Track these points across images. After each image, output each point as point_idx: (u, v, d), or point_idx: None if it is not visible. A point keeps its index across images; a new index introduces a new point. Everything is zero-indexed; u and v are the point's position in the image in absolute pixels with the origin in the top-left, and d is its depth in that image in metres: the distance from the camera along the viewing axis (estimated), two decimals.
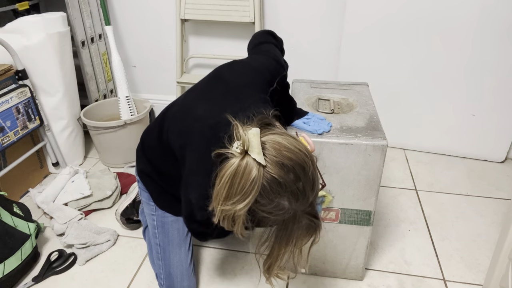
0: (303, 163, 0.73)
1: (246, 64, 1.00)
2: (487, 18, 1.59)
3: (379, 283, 1.24)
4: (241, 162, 0.70)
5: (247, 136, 0.70)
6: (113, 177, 1.67)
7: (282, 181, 0.71)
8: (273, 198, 0.72)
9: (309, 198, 0.75)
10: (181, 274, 1.14)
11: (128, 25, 2.13)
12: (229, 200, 0.71)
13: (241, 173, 0.69)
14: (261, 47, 1.08)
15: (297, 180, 0.72)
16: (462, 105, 1.79)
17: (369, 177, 1.05)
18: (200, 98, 0.96)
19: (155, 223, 1.16)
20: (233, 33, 2.02)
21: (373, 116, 1.15)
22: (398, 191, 1.68)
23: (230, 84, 0.95)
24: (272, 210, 0.73)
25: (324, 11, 1.89)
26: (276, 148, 0.72)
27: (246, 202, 0.70)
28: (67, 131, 1.78)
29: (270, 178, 0.70)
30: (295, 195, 0.73)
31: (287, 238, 0.77)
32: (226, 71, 1.00)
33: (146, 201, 1.17)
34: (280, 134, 0.75)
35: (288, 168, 0.71)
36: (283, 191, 0.72)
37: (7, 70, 1.54)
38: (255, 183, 0.69)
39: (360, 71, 1.85)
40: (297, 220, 0.75)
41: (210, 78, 1.01)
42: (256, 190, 0.70)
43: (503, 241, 1.03)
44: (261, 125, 0.76)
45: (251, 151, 0.70)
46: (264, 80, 0.97)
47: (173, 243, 1.14)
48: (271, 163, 0.71)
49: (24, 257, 1.25)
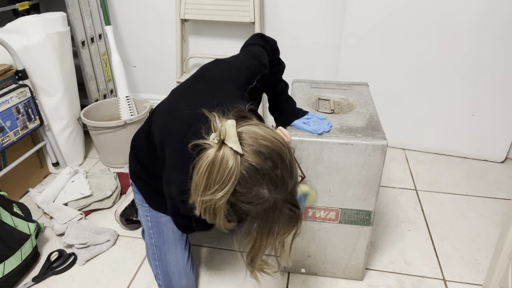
0: (280, 151, 0.74)
1: (228, 63, 1.03)
2: (487, 18, 1.59)
3: (379, 283, 1.24)
4: (218, 152, 0.71)
5: (224, 126, 0.72)
6: (113, 177, 1.67)
7: (260, 168, 0.72)
8: (252, 187, 0.73)
9: (288, 186, 0.76)
10: (178, 273, 1.14)
11: (128, 25, 2.13)
12: (208, 190, 0.72)
13: (218, 163, 0.71)
14: (247, 49, 1.11)
15: (275, 167, 0.73)
16: (462, 105, 1.79)
17: (369, 177, 1.05)
18: (180, 96, 0.99)
19: (149, 224, 1.18)
20: (233, 33, 2.03)
21: (373, 116, 1.15)
22: (398, 191, 1.68)
23: (210, 81, 0.98)
24: (252, 200, 0.74)
25: (324, 11, 1.89)
26: (252, 137, 0.73)
27: (225, 191, 0.71)
28: (67, 131, 1.78)
29: (248, 166, 0.72)
30: (274, 183, 0.74)
31: (269, 228, 0.77)
32: (209, 69, 1.03)
33: (139, 203, 1.20)
34: (255, 125, 0.77)
35: (265, 155, 0.73)
36: (262, 178, 0.73)
37: (7, 70, 1.54)
38: (233, 171, 0.70)
39: (360, 71, 1.85)
40: (278, 209, 0.76)
41: (194, 77, 1.03)
42: (234, 179, 0.71)
43: (503, 241, 1.03)
44: (237, 118, 0.78)
45: (228, 141, 0.71)
46: (243, 78, 0.99)
47: (169, 243, 1.15)
48: (248, 151, 0.72)
49: (24, 257, 1.25)
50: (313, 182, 1.09)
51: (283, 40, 1.99)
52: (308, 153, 1.05)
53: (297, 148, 1.05)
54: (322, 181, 1.08)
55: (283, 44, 2.00)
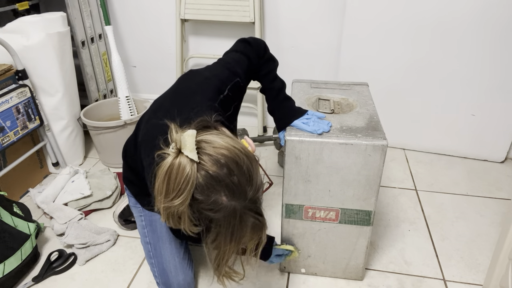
0: (236, 157, 0.76)
1: (199, 74, 1.05)
2: (487, 18, 1.59)
3: (379, 283, 1.24)
4: (174, 160, 0.74)
5: (180, 136, 0.75)
6: (113, 177, 1.67)
7: (215, 175, 0.74)
8: (210, 194, 0.75)
9: (247, 193, 0.77)
10: (174, 268, 1.14)
11: (128, 25, 2.13)
12: (167, 197, 0.75)
13: (175, 170, 0.73)
14: (221, 57, 1.12)
15: (231, 174, 0.75)
16: (462, 105, 1.79)
17: (369, 177, 1.05)
18: (156, 107, 1.03)
19: (143, 223, 1.20)
20: (233, 33, 2.03)
21: (373, 116, 1.15)
22: (398, 191, 1.68)
23: (181, 93, 1.01)
24: (212, 207, 0.76)
25: (324, 11, 1.89)
26: (210, 146, 0.76)
27: (183, 197, 0.74)
28: (67, 131, 1.78)
29: (204, 173, 0.74)
30: (231, 190, 0.75)
31: (231, 235, 0.79)
32: (182, 82, 1.06)
33: (133, 205, 1.24)
34: (216, 134, 0.80)
35: (222, 163, 0.75)
36: (218, 185, 0.75)
37: (7, 70, 1.54)
38: (189, 178, 0.73)
39: (360, 71, 1.85)
40: (239, 216, 0.77)
41: (171, 88, 1.07)
42: (191, 186, 0.73)
43: (503, 241, 1.03)
44: (199, 128, 0.81)
45: (184, 149, 0.74)
46: (213, 88, 1.01)
47: (163, 239, 1.16)
48: (205, 160, 0.75)
49: (24, 257, 1.25)
50: (313, 182, 1.09)
51: (283, 40, 1.99)
52: (308, 153, 1.05)
53: (297, 148, 1.05)
54: (322, 181, 1.08)
55: (283, 44, 2.00)
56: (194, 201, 0.76)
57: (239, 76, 1.06)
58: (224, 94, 1.02)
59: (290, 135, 1.05)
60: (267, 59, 1.14)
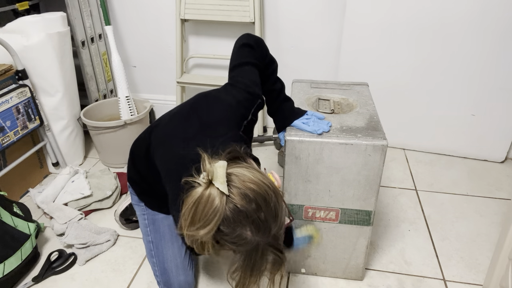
0: (265, 194, 0.76)
1: (221, 100, 1.03)
2: (487, 18, 1.59)
3: (379, 283, 1.24)
4: (205, 191, 0.74)
5: (212, 167, 0.75)
6: (113, 177, 1.67)
7: (244, 210, 0.74)
8: (235, 227, 0.75)
9: (271, 230, 0.77)
10: (176, 268, 1.14)
11: (128, 25, 2.13)
12: (192, 226, 0.75)
13: (204, 201, 0.73)
14: (241, 71, 1.08)
15: (259, 210, 0.75)
16: (462, 105, 1.79)
17: (369, 177, 1.05)
18: (179, 132, 1.00)
19: (146, 222, 1.20)
20: (233, 33, 2.02)
21: (373, 116, 1.15)
22: (398, 191, 1.68)
23: (204, 121, 0.99)
24: (235, 240, 0.76)
25: (324, 11, 1.89)
26: (240, 180, 0.76)
27: (208, 229, 0.74)
28: (67, 131, 1.78)
29: (232, 207, 0.74)
30: (257, 225, 0.75)
31: (251, 269, 0.79)
32: (202, 106, 1.04)
33: (136, 204, 1.23)
34: (246, 167, 0.80)
35: (250, 198, 0.75)
36: (245, 220, 0.75)
37: (7, 70, 1.54)
38: (217, 211, 0.73)
39: (360, 71, 1.85)
40: (261, 252, 0.78)
41: (189, 109, 1.05)
42: (218, 218, 0.73)
43: (503, 241, 1.03)
44: (229, 159, 0.81)
45: (215, 181, 0.74)
46: (237, 115, 1.00)
47: (165, 239, 1.16)
48: (235, 193, 0.74)
49: (24, 257, 1.25)
50: (313, 182, 1.09)
51: (283, 40, 1.99)
52: (308, 153, 1.05)
53: (297, 148, 1.05)
54: (322, 181, 1.08)
55: (283, 44, 2.00)
56: (218, 232, 0.76)
57: (259, 97, 1.04)
58: (248, 119, 1.02)
59: (290, 135, 1.05)
60: (268, 61, 1.14)
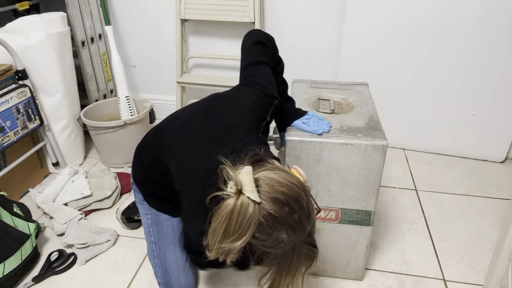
0: (297, 196, 0.75)
1: (239, 102, 1.02)
2: (487, 18, 1.59)
3: (379, 283, 1.24)
4: (236, 201, 0.72)
5: (239, 176, 0.73)
6: (113, 177, 1.67)
7: (278, 216, 0.73)
8: (271, 233, 0.74)
9: (307, 229, 0.77)
10: (177, 271, 1.14)
11: (128, 25, 2.13)
12: (226, 239, 0.73)
13: (237, 213, 0.72)
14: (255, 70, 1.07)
15: (293, 213, 0.74)
16: (462, 105, 1.79)
17: (369, 177, 1.05)
18: (198, 136, 0.97)
19: (149, 222, 1.18)
20: (233, 33, 2.03)
21: (373, 116, 1.15)
22: (398, 191, 1.68)
23: (224, 125, 0.97)
24: (272, 245, 0.75)
25: (324, 11, 1.89)
26: (269, 184, 0.74)
27: (243, 239, 0.73)
28: (67, 131, 1.78)
29: (266, 214, 0.73)
30: (293, 228, 0.74)
31: (288, 269, 0.78)
32: (220, 108, 1.02)
33: (139, 202, 1.20)
34: (272, 169, 0.78)
35: (283, 202, 0.73)
36: (280, 225, 0.74)
37: (7, 70, 1.54)
38: (251, 220, 0.71)
39: (360, 71, 1.85)
40: (297, 251, 0.77)
41: (206, 111, 1.02)
42: (252, 228, 0.72)
43: (503, 241, 1.03)
44: (253, 163, 0.79)
45: (245, 190, 0.72)
46: (257, 118, 0.99)
47: (168, 240, 1.15)
48: (265, 199, 0.73)
49: (24, 257, 1.25)
50: (313, 183, 1.09)
51: (283, 40, 1.99)
52: (308, 153, 1.05)
53: (297, 148, 1.05)
54: (322, 181, 1.08)
55: (283, 44, 2.00)
56: (253, 239, 0.74)
57: (276, 98, 1.03)
58: (266, 121, 1.01)
59: (290, 135, 1.05)
60: (277, 59, 1.14)
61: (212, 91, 1.14)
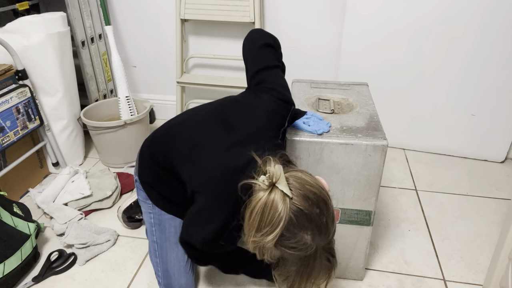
0: (326, 198, 0.77)
1: (257, 108, 1.00)
2: (487, 18, 1.59)
3: (379, 283, 1.24)
4: (269, 194, 0.74)
5: (274, 169, 0.74)
6: (113, 177, 1.67)
7: (308, 213, 0.74)
8: (298, 232, 0.75)
9: (330, 233, 0.78)
10: (178, 271, 1.14)
11: (128, 25, 2.13)
12: (259, 232, 0.75)
13: (269, 205, 0.73)
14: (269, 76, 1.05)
15: (321, 214, 0.76)
16: (462, 105, 1.79)
17: (369, 177, 1.05)
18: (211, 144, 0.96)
19: (152, 221, 1.17)
20: (233, 33, 2.03)
21: (373, 116, 1.15)
22: (398, 191, 1.68)
23: (241, 132, 0.96)
24: (295, 245, 0.76)
25: (324, 11, 1.89)
26: (299, 183, 0.76)
27: (275, 234, 0.74)
28: (67, 131, 1.78)
29: (296, 209, 0.74)
30: (319, 228, 0.76)
31: (308, 274, 0.79)
32: (236, 115, 1.00)
33: (143, 200, 1.18)
34: (300, 171, 0.80)
35: (313, 201, 0.75)
36: (308, 223, 0.75)
37: (7, 70, 1.54)
38: (282, 214, 0.73)
39: (360, 71, 1.85)
40: (318, 257, 0.78)
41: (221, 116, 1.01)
42: (284, 222, 0.73)
43: (503, 241, 1.03)
44: (282, 163, 0.80)
45: (279, 183, 0.73)
46: (276, 124, 0.99)
47: (170, 241, 1.15)
48: (297, 195, 0.74)
49: (24, 257, 1.25)
50: None
51: (283, 40, 1.99)
52: (308, 153, 1.05)
53: (297, 148, 1.05)
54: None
55: (283, 44, 1.98)
56: (279, 237, 0.75)
57: (293, 103, 1.04)
58: (284, 127, 1.01)
59: (290, 135, 1.05)
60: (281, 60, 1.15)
61: (212, 91, 1.14)
